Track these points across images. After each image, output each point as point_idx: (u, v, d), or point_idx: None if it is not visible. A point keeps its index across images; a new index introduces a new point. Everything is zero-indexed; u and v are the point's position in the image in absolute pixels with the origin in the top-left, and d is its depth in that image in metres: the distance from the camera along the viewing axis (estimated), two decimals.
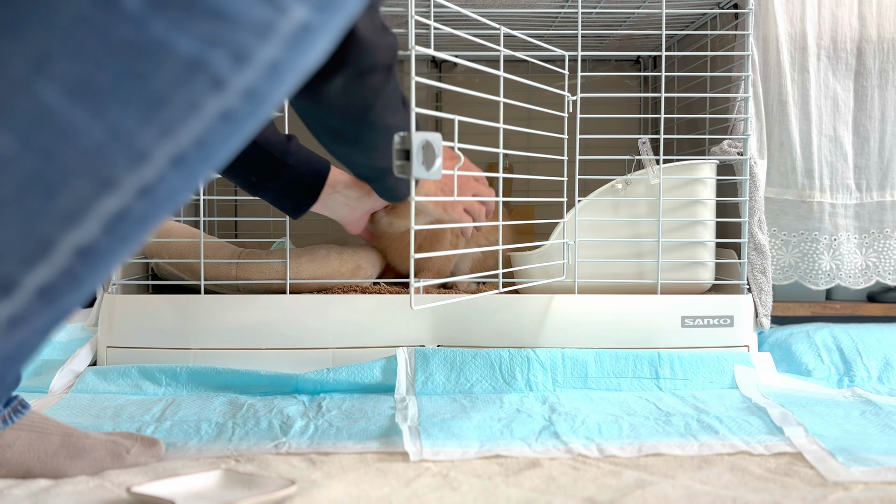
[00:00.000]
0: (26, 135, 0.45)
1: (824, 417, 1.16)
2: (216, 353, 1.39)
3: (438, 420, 1.14)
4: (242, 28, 0.46)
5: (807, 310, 1.68)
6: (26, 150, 0.45)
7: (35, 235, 0.48)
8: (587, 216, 1.47)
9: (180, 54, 0.44)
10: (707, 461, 0.96)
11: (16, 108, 0.44)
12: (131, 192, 0.47)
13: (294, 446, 1.02)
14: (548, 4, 1.52)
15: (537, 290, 1.47)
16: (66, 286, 0.50)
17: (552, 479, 0.90)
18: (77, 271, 0.50)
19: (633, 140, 1.52)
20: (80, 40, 0.43)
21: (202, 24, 0.45)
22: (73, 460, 0.90)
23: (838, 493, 0.85)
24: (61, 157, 0.45)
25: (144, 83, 0.44)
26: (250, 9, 0.45)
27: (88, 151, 0.45)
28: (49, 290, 0.50)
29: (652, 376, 1.37)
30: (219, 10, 0.45)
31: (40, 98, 0.44)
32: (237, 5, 0.45)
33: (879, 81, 1.60)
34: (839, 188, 1.61)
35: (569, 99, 1.42)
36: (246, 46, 0.46)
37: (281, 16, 0.47)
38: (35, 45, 0.44)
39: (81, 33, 0.43)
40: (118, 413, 1.18)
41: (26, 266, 0.49)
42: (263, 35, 0.47)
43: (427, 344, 1.42)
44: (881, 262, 1.63)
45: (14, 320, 0.51)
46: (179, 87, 0.45)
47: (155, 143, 0.46)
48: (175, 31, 0.44)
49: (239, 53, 0.46)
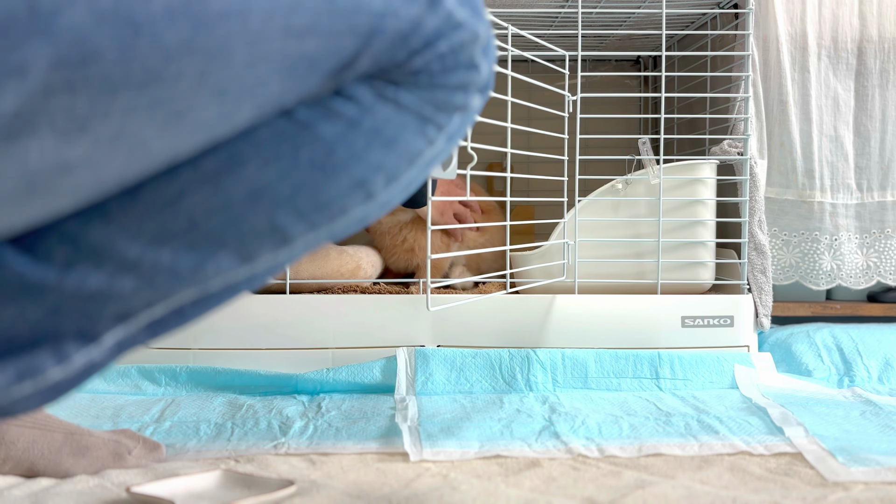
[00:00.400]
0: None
1: (824, 417, 1.15)
2: (216, 353, 1.39)
3: (438, 420, 1.13)
4: (402, 159, 0.55)
5: (807, 310, 1.67)
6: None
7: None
8: (587, 216, 1.47)
9: (354, 176, 0.54)
10: (707, 461, 0.96)
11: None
12: (265, 265, 0.56)
13: (293, 447, 1.02)
14: (548, 4, 1.52)
15: (537, 290, 1.47)
16: (173, 321, 0.57)
17: (552, 480, 0.90)
18: (187, 311, 0.57)
19: (633, 140, 1.52)
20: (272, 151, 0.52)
21: (377, 154, 0.54)
22: (75, 458, 0.90)
23: (838, 494, 0.85)
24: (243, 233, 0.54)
25: (317, 193, 0.54)
26: (414, 141, 0.55)
27: (251, 234, 0.53)
28: (158, 324, 0.56)
29: (652, 376, 1.37)
30: (392, 140, 0.55)
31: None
32: (407, 140, 0.55)
33: (880, 81, 1.60)
34: (840, 188, 1.61)
35: (569, 99, 1.42)
36: (398, 172, 0.56)
37: (428, 147, 0.56)
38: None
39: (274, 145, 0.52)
40: (117, 413, 1.18)
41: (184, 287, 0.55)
42: (413, 162, 0.56)
43: (427, 344, 1.42)
44: (882, 263, 1.63)
45: (121, 345, 0.56)
46: (342, 198, 0.54)
47: (300, 234, 0.55)
48: (355, 158, 0.53)
49: (392, 177, 0.56)
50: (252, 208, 0.52)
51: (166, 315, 0.56)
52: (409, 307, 1.42)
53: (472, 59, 0.54)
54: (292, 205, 0.53)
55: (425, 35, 0.51)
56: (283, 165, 0.52)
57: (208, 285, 0.55)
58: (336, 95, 0.52)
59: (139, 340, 0.57)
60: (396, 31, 0.49)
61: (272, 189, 0.52)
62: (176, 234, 0.51)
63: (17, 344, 0.51)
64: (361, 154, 0.53)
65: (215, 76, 0.45)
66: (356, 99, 0.52)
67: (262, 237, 0.54)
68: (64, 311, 0.51)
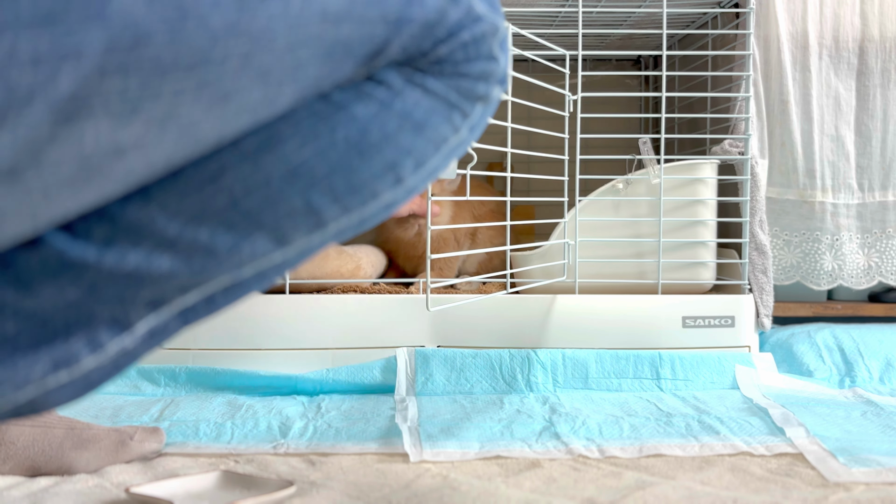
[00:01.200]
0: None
1: (825, 418, 1.15)
2: (215, 353, 1.39)
3: (438, 421, 1.13)
4: (429, 144, 0.57)
5: (808, 310, 1.67)
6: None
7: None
8: (588, 216, 1.47)
9: (386, 158, 0.56)
10: (708, 462, 0.96)
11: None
12: (297, 250, 0.57)
13: (293, 447, 1.02)
14: (548, 3, 1.52)
15: (538, 290, 1.46)
16: (203, 309, 0.58)
17: (552, 480, 0.90)
18: (217, 299, 0.58)
19: (633, 140, 1.52)
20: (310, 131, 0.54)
21: (407, 137, 0.56)
22: (77, 451, 0.90)
23: (839, 494, 0.85)
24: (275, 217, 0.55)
25: (351, 174, 0.55)
26: (441, 127, 0.57)
27: (287, 215, 0.55)
28: (190, 311, 0.57)
29: (653, 377, 1.37)
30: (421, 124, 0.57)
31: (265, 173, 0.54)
32: (434, 125, 0.58)
33: (882, 81, 1.60)
34: (841, 188, 1.61)
35: (569, 98, 1.42)
36: (426, 157, 0.58)
37: (454, 134, 0.58)
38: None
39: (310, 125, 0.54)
40: (116, 413, 1.18)
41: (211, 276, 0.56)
42: (438, 148, 0.58)
43: (427, 344, 1.42)
44: (883, 263, 1.63)
45: (153, 333, 0.57)
46: (374, 181, 0.56)
47: (333, 218, 0.56)
48: (387, 140, 0.55)
49: (420, 162, 0.57)
50: (290, 187, 0.53)
51: (198, 303, 0.57)
52: (409, 307, 1.41)
53: (492, 50, 0.56)
54: (328, 185, 0.55)
55: (449, 25, 0.53)
56: (320, 144, 0.53)
57: (242, 271, 0.56)
58: (368, 80, 0.54)
59: (171, 329, 0.57)
60: (423, 19, 0.52)
61: (309, 168, 0.54)
62: (215, 212, 0.52)
63: (52, 329, 0.52)
64: (393, 136, 0.55)
65: (259, 58, 0.47)
66: (387, 83, 0.54)
67: (298, 218, 0.55)
68: (101, 292, 0.52)
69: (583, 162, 1.46)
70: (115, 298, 0.53)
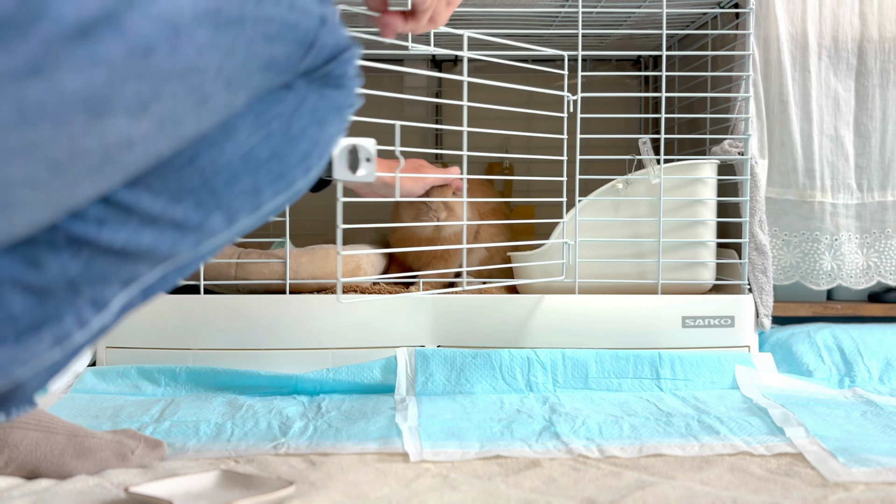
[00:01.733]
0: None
1: (825, 418, 1.15)
2: (215, 354, 1.39)
3: (438, 420, 1.13)
4: (329, 137, 0.73)
5: (808, 310, 1.67)
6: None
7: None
8: (587, 216, 1.47)
9: (302, 148, 0.70)
10: (708, 462, 0.96)
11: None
12: (232, 233, 0.70)
13: (293, 447, 1.02)
14: (548, 4, 1.52)
15: (538, 290, 1.46)
16: (159, 286, 0.70)
17: (552, 480, 0.90)
18: (170, 277, 0.70)
19: (633, 140, 1.52)
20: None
21: (314, 131, 0.71)
22: (78, 460, 0.91)
23: (839, 494, 0.85)
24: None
25: (282, 160, 0.69)
26: (334, 123, 0.73)
27: (239, 194, 0.67)
28: (149, 289, 0.69)
29: (653, 377, 1.37)
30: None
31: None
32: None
33: (881, 81, 1.60)
34: (840, 188, 1.61)
35: (569, 99, 1.42)
36: (326, 149, 0.73)
37: (342, 127, 0.75)
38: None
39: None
40: (117, 413, 1.18)
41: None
42: (332, 140, 0.74)
43: (427, 344, 1.42)
44: (882, 263, 1.63)
45: (123, 308, 0.67)
46: (294, 169, 0.70)
47: (267, 201, 0.70)
48: (303, 132, 0.70)
49: (322, 154, 0.73)
50: (244, 168, 0.66)
51: (156, 281, 0.68)
52: (409, 307, 1.42)
53: (351, 62, 0.72)
54: (268, 169, 0.68)
55: (331, 47, 0.69)
56: (262, 133, 0.67)
57: (199, 249, 0.67)
58: (285, 87, 0.68)
59: (134, 303, 0.68)
60: (325, 43, 0.68)
61: (257, 153, 0.67)
62: (190, 190, 0.63)
63: (49, 308, 0.60)
64: (306, 129, 0.70)
65: (227, 68, 0.59)
66: (296, 88, 0.69)
67: (245, 198, 0.67)
68: (93, 268, 0.61)
69: (582, 162, 1.46)
70: (100, 277, 0.62)
